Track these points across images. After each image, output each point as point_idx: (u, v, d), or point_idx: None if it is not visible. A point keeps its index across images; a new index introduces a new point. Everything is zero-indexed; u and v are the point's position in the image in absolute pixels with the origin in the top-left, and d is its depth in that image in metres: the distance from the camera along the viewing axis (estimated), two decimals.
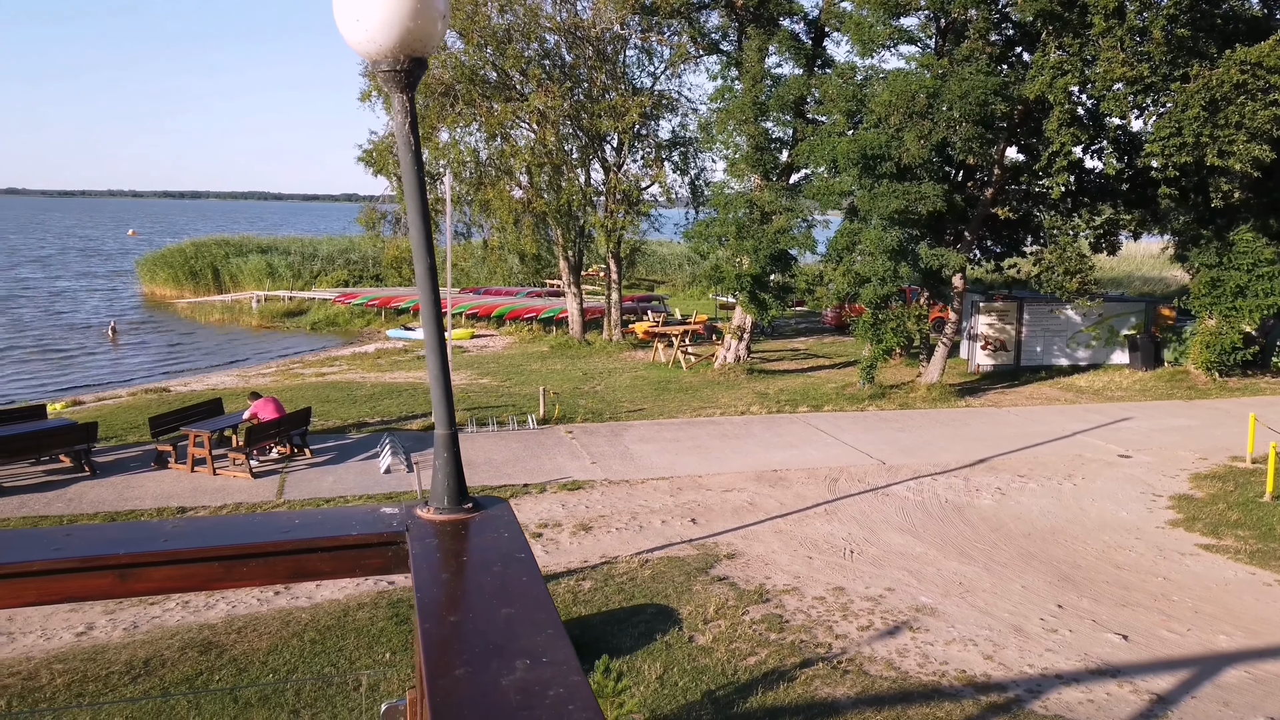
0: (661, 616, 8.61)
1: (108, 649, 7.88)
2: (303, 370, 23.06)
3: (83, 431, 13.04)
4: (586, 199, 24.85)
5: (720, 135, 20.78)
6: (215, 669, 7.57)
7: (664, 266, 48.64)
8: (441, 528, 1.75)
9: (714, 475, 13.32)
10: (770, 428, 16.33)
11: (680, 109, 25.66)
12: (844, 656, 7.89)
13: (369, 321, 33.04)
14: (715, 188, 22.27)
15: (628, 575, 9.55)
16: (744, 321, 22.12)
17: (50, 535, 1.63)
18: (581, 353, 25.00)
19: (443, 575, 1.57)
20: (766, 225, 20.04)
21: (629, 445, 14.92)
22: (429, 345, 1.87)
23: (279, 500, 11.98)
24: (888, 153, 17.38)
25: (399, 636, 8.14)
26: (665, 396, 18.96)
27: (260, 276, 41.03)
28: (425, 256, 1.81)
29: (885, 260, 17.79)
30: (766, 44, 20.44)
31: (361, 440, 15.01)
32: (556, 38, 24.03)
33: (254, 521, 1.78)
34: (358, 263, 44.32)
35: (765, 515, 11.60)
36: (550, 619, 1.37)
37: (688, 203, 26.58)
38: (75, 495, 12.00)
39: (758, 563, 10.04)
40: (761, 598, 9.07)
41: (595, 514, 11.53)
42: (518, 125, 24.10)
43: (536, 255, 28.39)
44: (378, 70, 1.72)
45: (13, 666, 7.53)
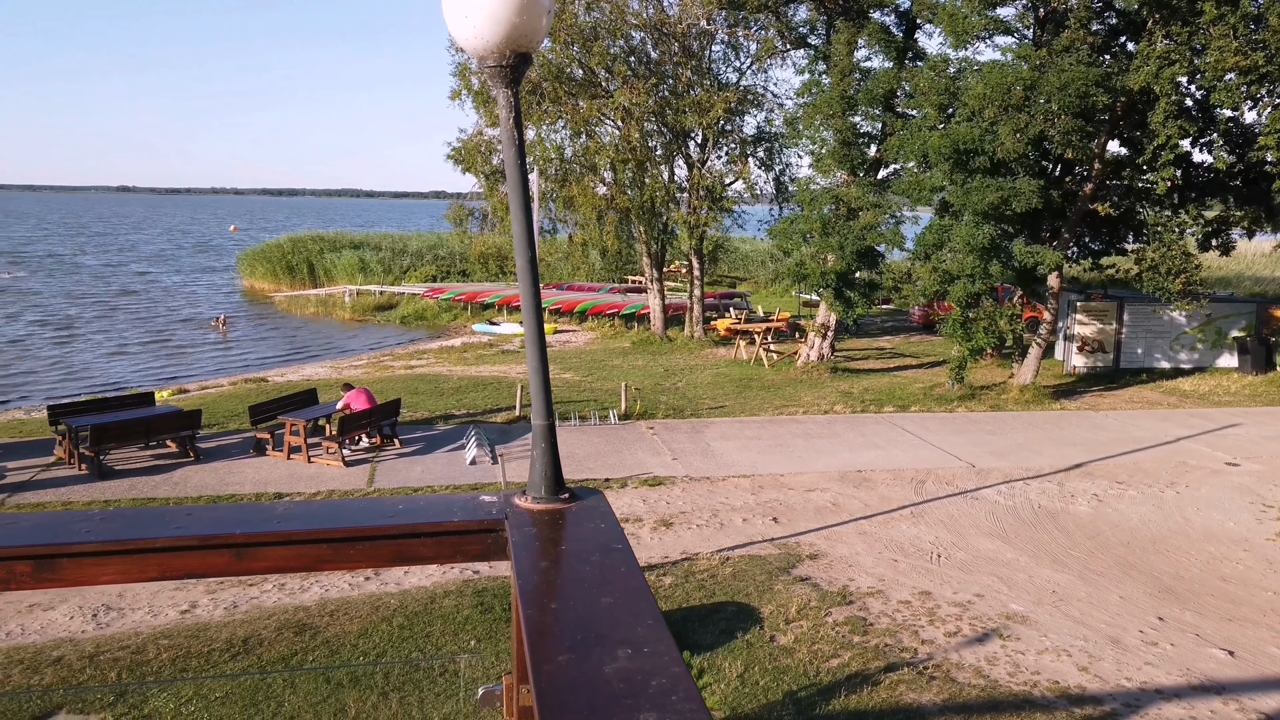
0: (742, 615, 8.57)
1: (209, 627, 8.24)
2: (392, 363, 23.68)
3: (188, 418, 13.66)
4: (670, 195, 24.86)
5: (807, 130, 20.53)
6: (309, 650, 7.84)
7: (746, 263, 48.32)
8: (539, 517, 1.77)
9: (796, 474, 13.18)
10: (854, 428, 16.08)
11: (766, 104, 25.47)
12: (930, 662, 7.72)
13: (455, 316, 33.72)
14: (800, 184, 22.02)
15: (708, 572, 9.53)
16: (828, 319, 21.83)
17: (172, 514, 1.71)
18: (663, 349, 25.04)
19: (542, 563, 1.59)
20: (853, 222, 19.73)
21: (710, 442, 14.89)
22: (529, 338, 1.90)
23: (369, 488, 12.34)
24: (981, 147, 16.90)
25: (483, 624, 8.29)
26: (747, 394, 18.85)
27: (353, 271, 42.25)
28: (526, 249, 1.84)
29: (976, 258, 17.31)
30: (856, 37, 20.09)
31: (448, 432, 15.33)
32: (642, 34, 24.10)
33: (360, 506, 1.83)
34: (445, 258, 45.26)
35: (849, 516, 11.43)
36: (650, 610, 1.38)
37: (772, 199, 26.35)
38: (180, 479, 12.58)
39: (841, 564, 9.90)
40: (845, 600, 8.94)
41: (676, 510, 11.54)
42: (602, 122, 24.25)
43: (619, 252, 28.54)
44: (484, 66, 1.75)
45: (123, 641, 7.94)
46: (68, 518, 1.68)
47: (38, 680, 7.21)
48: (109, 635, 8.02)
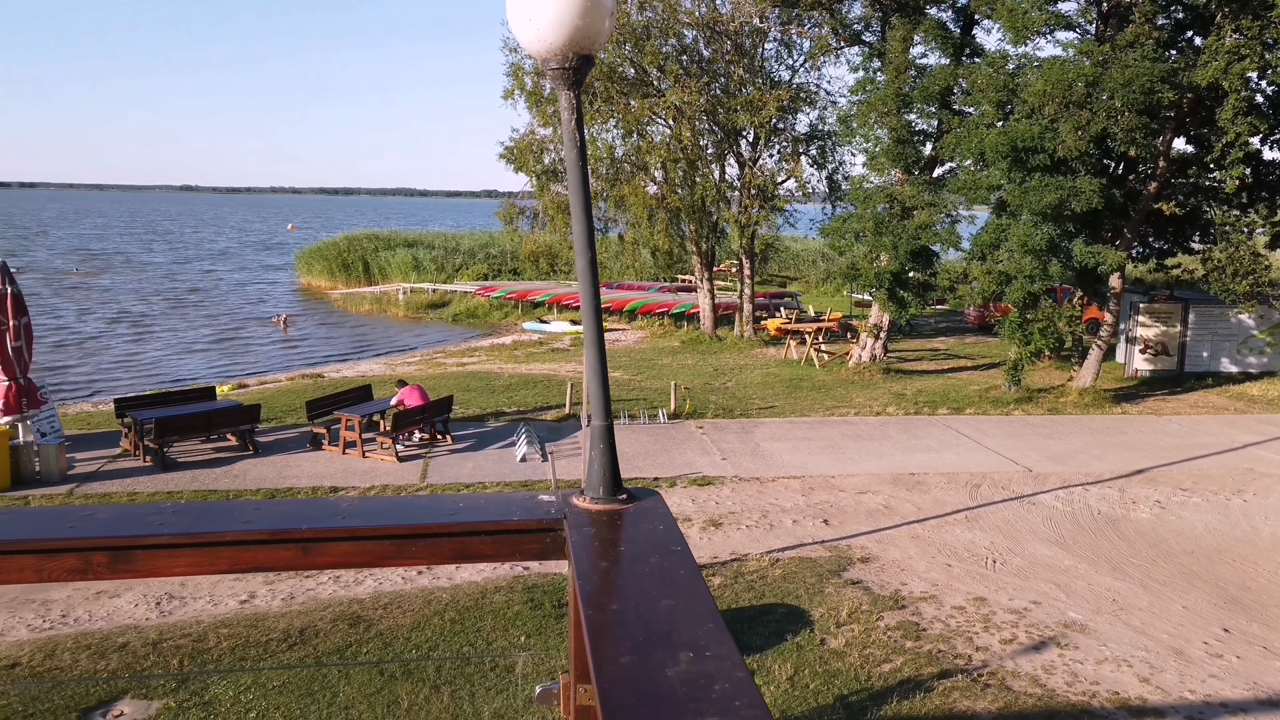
0: (792, 617, 8.51)
1: (267, 617, 8.42)
2: (444, 360, 23.98)
3: (248, 413, 13.98)
4: (721, 194, 24.78)
5: (861, 128, 20.30)
6: (363, 641, 7.98)
7: (797, 262, 47.96)
8: (597, 517, 1.78)
9: (847, 476, 13.05)
10: (907, 430, 15.87)
11: (819, 102, 25.24)
12: (985, 670, 7.59)
13: (506, 314, 34.03)
14: (854, 182, 21.79)
15: (758, 574, 9.49)
16: (881, 320, 21.57)
17: (241, 509, 1.75)
18: (713, 348, 24.98)
19: (601, 564, 1.59)
20: (907, 221, 19.46)
21: (760, 442, 14.81)
22: (588, 339, 1.91)
23: (422, 484, 12.51)
24: (1041, 145, 16.55)
25: (533, 620, 8.36)
26: (797, 394, 18.72)
27: (406, 270, 42.86)
28: (587, 250, 1.84)
29: (1034, 258, 16.96)
30: (911, 34, 19.81)
31: (499, 429, 15.47)
32: (694, 33, 24.05)
33: (421, 504, 1.86)
34: (497, 257, 45.69)
35: (901, 519, 11.28)
36: (710, 612, 1.37)
37: (824, 198, 26.12)
38: (240, 471, 12.89)
39: (893, 568, 9.78)
40: (897, 604, 8.83)
41: (725, 510, 11.50)
42: (654, 121, 24.25)
43: (669, 251, 28.53)
44: (546, 68, 1.76)
45: (185, 629, 8.16)
46: (142, 510, 1.73)
47: (104, 665, 7.45)
48: (171, 623, 8.25)
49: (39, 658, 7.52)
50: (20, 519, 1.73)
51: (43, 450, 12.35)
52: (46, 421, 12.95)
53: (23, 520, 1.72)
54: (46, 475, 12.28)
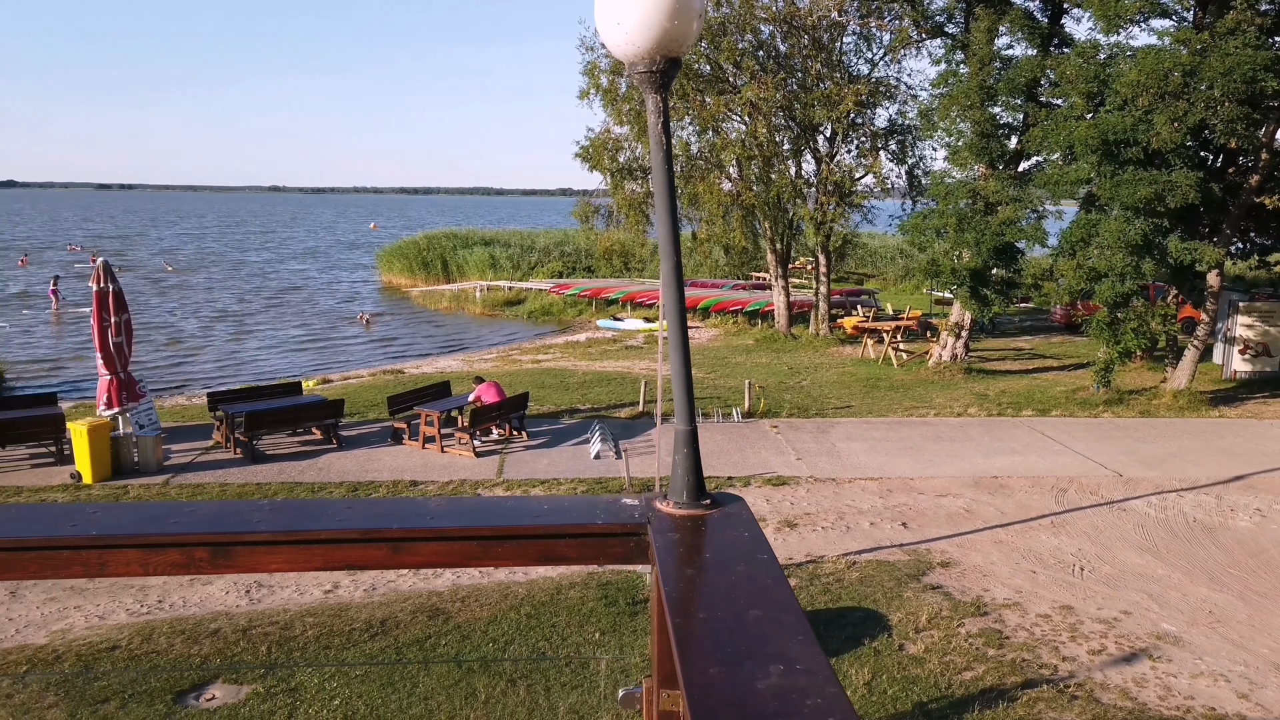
0: (870, 621, 8.37)
1: (350, 607, 8.65)
2: (520, 357, 24.29)
3: (332, 408, 14.39)
4: (797, 191, 24.50)
5: (942, 122, 19.83)
6: (441, 634, 8.13)
7: (875, 259, 47.16)
8: (681, 522, 1.77)
9: (927, 478, 12.78)
10: (990, 431, 15.45)
11: (899, 96, 24.77)
12: (1072, 680, 7.34)
13: (581, 311, 34.27)
14: (935, 177, 21.28)
15: (834, 576, 9.36)
16: (962, 318, 21.05)
17: (334, 508, 1.79)
18: (787, 347, 24.74)
19: (687, 571, 1.58)
20: (991, 217, 18.94)
21: (836, 443, 14.61)
22: (672, 341, 1.90)
23: (499, 479, 12.69)
24: (1133, 137, 15.92)
25: (607, 618, 8.40)
26: (875, 394, 18.40)
27: (483, 267, 43.53)
28: (672, 254, 1.83)
29: (1126, 254, 16.33)
30: (997, 24, 19.26)
31: (573, 426, 15.59)
32: (771, 28, 23.83)
33: (507, 505, 1.88)
34: (571, 255, 46.07)
35: (983, 524, 11.00)
36: (800, 624, 1.35)
37: (904, 193, 25.62)
38: (324, 465, 13.26)
39: (975, 573, 9.54)
40: (979, 610, 8.61)
41: (800, 511, 11.38)
42: (729, 118, 24.12)
43: (743, 248, 28.37)
44: (633, 72, 1.75)
45: (272, 616, 8.44)
46: (241, 507, 1.79)
47: (197, 650, 7.75)
48: (260, 610, 8.54)
49: (137, 641, 7.87)
50: (126, 514, 1.80)
51: (141, 442, 12.91)
52: (145, 414, 13.54)
53: (129, 515, 1.79)
54: (144, 466, 12.83)
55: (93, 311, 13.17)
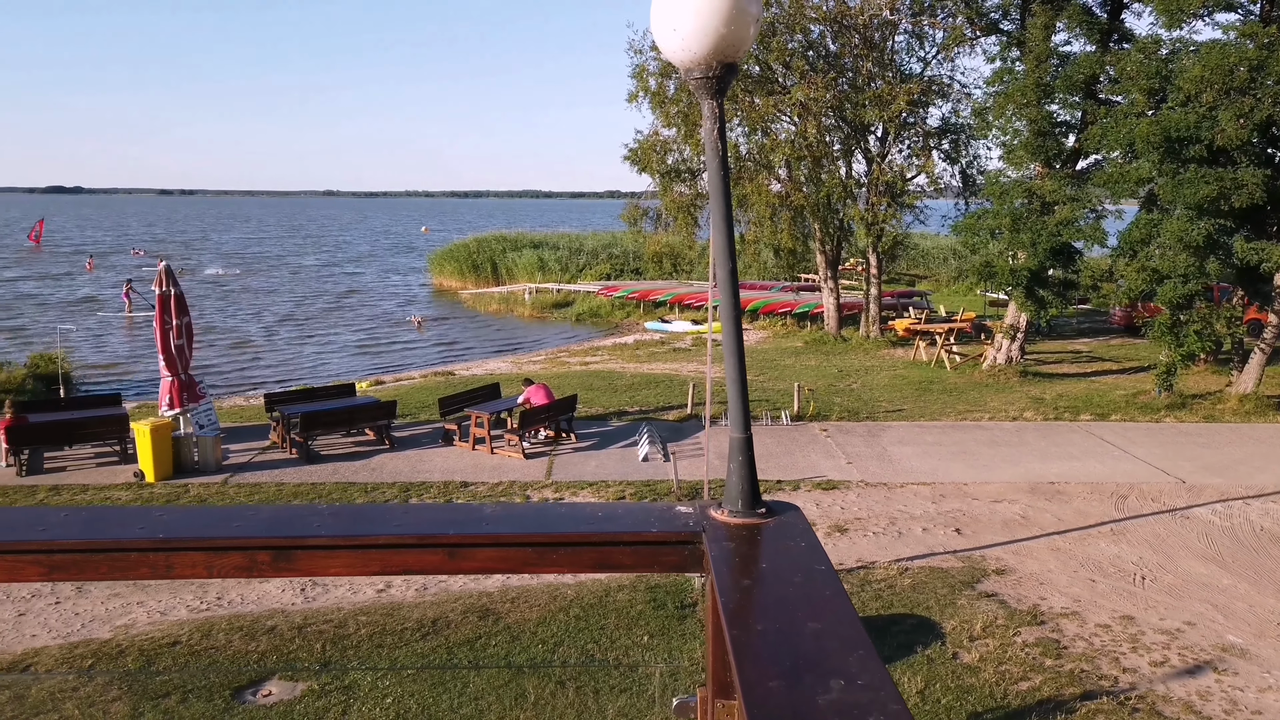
0: (922, 629, 8.25)
1: (402, 607, 8.76)
2: (568, 359, 24.40)
3: (385, 409, 14.60)
4: (847, 191, 24.26)
5: (997, 121, 19.47)
6: (492, 634, 8.20)
7: (927, 260, 46.51)
8: (736, 531, 1.75)
9: (981, 484, 12.55)
10: (1046, 436, 15.13)
11: (952, 95, 24.39)
12: (1133, 693, 7.15)
13: (628, 314, 34.34)
14: (989, 177, 20.93)
15: (886, 583, 9.24)
16: (1017, 320, 20.65)
17: (392, 512, 1.81)
18: (837, 349, 24.50)
19: (743, 581, 1.57)
20: (1047, 216, 18.55)
21: (887, 446, 14.42)
22: (727, 349, 1.88)
23: (547, 480, 12.76)
24: (1197, 135, 15.47)
25: (656, 621, 8.39)
26: (927, 397, 18.13)
27: (532, 270, 43.85)
28: (727, 260, 1.82)
29: (1189, 255, 15.87)
30: (1054, 20, 18.86)
31: (621, 428, 15.62)
32: (821, 28, 23.64)
33: (562, 512, 1.88)
34: (619, 257, 46.19)
35: (1040, 530, 10.77)
36: (860, 639, 1.33)
37: (957, 193, 25.23)
38: (377, 465, 13.46)
39: (1031, 581, 9.34)
40: (1035, 619, 8.43)
41: (851, 516, 11.26)
42: (778, 118, 23.98)
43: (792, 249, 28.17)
44: (689, 78, 1.74)
45: (327, 615, 8.58)
46: (301, 511, 1.81)
47: (254, 647, 7.91)
48: (315, 609, 8.69)
49: (197, 637, 8.06)
50: (191, 517, 1.84)
51: (201, 441, 13.23)
52: (204, 414, 13.87)
53: (194, 518, 1.83)
54: (204, 465, 13.15)
55: (155, 314, 13.54)
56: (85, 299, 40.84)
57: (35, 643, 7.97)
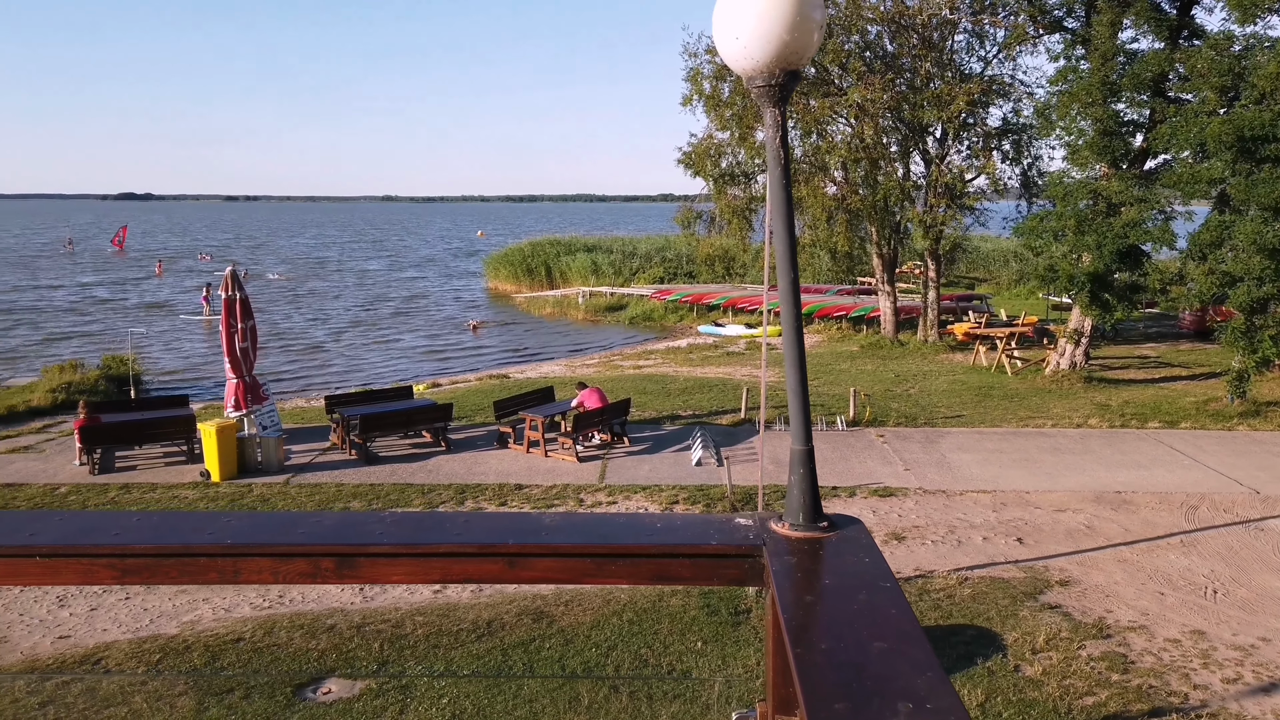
0: (982, 640, 8.07)
1: (458, 608, 8.85)
2: (621, 362, 24.44)
3: (442, 411, 14.78)
4: (905, 193, 23.91)
5: (1061, 120, 19.01)
6: (546, 637, 8.24)
7: (988, 263, 45.63)
8: (798, 545, 1.72)
9: (1044, 492, 12.25)
10: (1112, 444, 14.72)
11: (1013, 94, 23.89)
12: (1204, 711, 6.91)
13: (681, 317, 34.28)
14: (1052, 178, 20.44)
15: (945, 592, 9.06)
16: (1082, 324, 20.14)
17: (452, 521, 1.82)
18: (894, 353, 24.15)
19: (806, 598, 1.54)
20: (1113, 218, 18.05)
21: (946, 453, 14.17)
22: (788, 358, 1.86)
23: (600, 484, 12.79)
24: (1273, 133, 14.93)
25: (709, 627, 8.35)
26: (987, 403, 17.77)
27: (586, 273, 44.05)
28: (789, 270, 1.79)
29: (1265, 257, 15.30)
30: (1121, 17, 18.36)
31: (674, 432, 15.59)
32: (879, 28, 23.35)
33: (621, 522, 1.87)
34: (672, 260, 46.16)
35: (1106, 541, 10.47)
36: (928, 659, 1.29)
37: (1018, 195, 24.70)
38: (434, 467, 13.63)
39: (1096, 593, 9.09)
40: (1101, 633, 8.19)
41: (909, 524, 11.07)
42: (834, 120, 23.73)
43: (848, 252, 27.86)
44: (751, 85, 1.73)
45: (384, 615, 8.71)
46: (364, 518, 1.83)
47: (314, 645, 8.06)
48: (373, 608, 8.83)
49: (260, 634, 8.24)
50: (258, 523, 1.87)
51: (264, 442, 13.54)
52: (268, 416, 14.20)
53: (261, 524, 1.86)
54: (267, 465, 13.45)
55: (221, 318, 13.90)
56: (156, 303, 42.13)
57: (106, 637, 8.23)
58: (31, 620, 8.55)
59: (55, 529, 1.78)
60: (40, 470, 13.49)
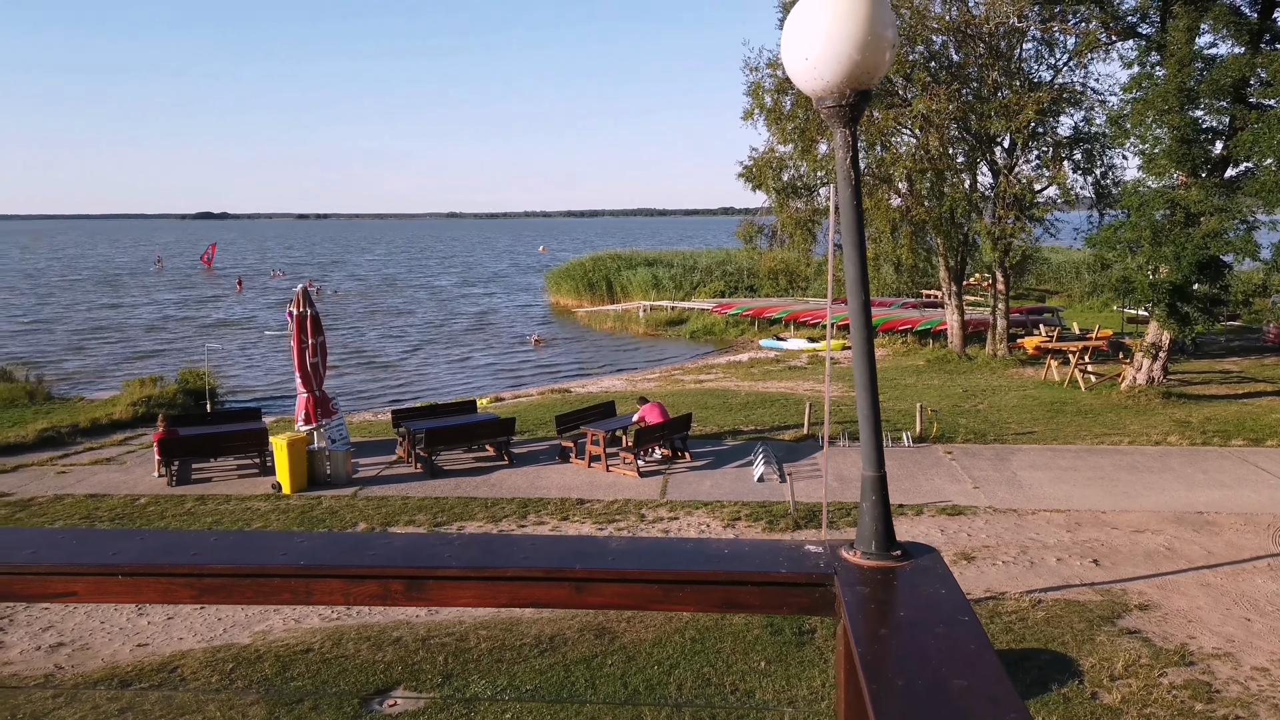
0: (1057, 666, 7.81)
1: (521, 622, 8.89)
2: (682, 377, 24.40)
3: (505, 426, 14.92)
4: (972, 205, 23.46)
5: (1136, 128, 18.46)
6: (608, 653, 8.22)
7: (1058, 275, 44.50)
8: (870, 575, 1.68)
9: (1120, 512, 11.84)
10: (1193, 462, 14.17)
11: (1084, 102, 23.29)
12: None
13: (742, 331, 34.12)
14: (1127, 187, 19.84)
15: (1017, 615, 8.80)
16: (1159, 338, 19.47)
17: (519, 544, 1.82)
18: (961, 368, 23.66)
19: (880, 630, 1.50)
20: (1192, 228, 17.45)
21: (1017, 471, 13.80)
22: (859, 383, 1.82)
23: (662, 500, 12.75)
24: None
25: (773, 647, 8.24)
26: (1060, 419, 17.27)
27: (646, 288, 44.18)
28: (860, 292, 1.76)
29: None
30: (1198, 22, 17.79)
31: (736, 447, 15.48)
32: (944, 38, 23.01)
33: (686, 547, 1.85)
34: (733, 274, 46.02)
35: (1187, 564, 10.06)
36: (1011, 700, 1.24)
37: (1090, 205, 24.04)
38: (496, 481, 13.75)
39: (1178, 618, 8.73)
40: (1183, 660, 7.86)
41: (979, 543, 10.80)
42: (899, 132, 23.44)
43: (913, 265, 27.45)
44: (821, 106, 1.70)
45: (449, 628, 8.79)
46: (432, 541, 1.85)
47: (381, 657, 8.17)
48: (438, 621, 8.92)
49: (328, 645, 8.39)
50: (330, 544, 1.89)
51: (333, 455, 13.82)
52: (336, 429, 14.51)
53: (332, 545, 1.88)
54: (335, 477, 13.73)
55: (293, 334, 14.27)
56: (236, 319, 43.48)
57: (182, 645, 8.47)
58: (112, 628, 8.84)
59: (136, 548, 1.83)
60: (121, 481, 13.98)
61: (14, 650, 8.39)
